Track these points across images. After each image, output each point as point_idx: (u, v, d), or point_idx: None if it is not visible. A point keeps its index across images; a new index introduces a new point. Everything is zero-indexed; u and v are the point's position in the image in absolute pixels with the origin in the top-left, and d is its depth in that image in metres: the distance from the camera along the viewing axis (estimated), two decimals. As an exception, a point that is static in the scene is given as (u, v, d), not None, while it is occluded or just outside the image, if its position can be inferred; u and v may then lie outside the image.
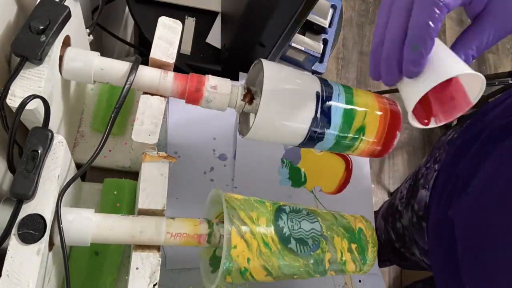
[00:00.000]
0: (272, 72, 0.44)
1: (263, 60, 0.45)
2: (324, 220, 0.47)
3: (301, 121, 0.45)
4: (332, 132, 0.47)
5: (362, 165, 0.72)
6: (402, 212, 0.76)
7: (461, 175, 0.55)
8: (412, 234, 0.73)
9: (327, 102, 0.46)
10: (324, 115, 0.46)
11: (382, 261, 0.99)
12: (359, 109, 0.48)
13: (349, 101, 0.47)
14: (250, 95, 0.46)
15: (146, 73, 0.44)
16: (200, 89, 0.45)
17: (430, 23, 0.33)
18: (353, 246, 0.48)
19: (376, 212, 0.98)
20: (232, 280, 0.41)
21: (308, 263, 0.44)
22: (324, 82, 0.48)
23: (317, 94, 0.46)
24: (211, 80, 0.45)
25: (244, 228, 0.41)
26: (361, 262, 0.48)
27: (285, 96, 0.44)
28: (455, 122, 1.69)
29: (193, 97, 0.45)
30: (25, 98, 0.35)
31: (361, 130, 0.48)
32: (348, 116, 0.47)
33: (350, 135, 0.48)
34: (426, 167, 0.70)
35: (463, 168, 0.56)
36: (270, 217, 0.43)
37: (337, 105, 0.46)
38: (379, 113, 0.49)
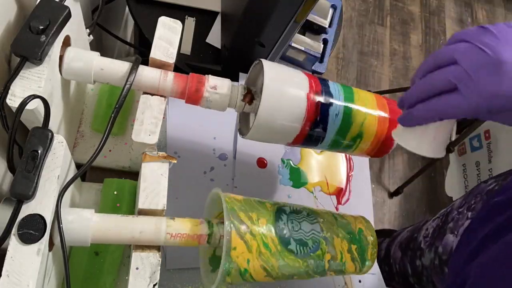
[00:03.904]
0: (272, 72, 0.44)
1: (263, 60, 0.45)
2: (324, 221, 0.47)
3: (301, 122, 0.45)
4: (330, 132, 0.47)
5: (362, 165, 0.72)
6: (425, 251, 0.73)
7: (488, 236, 0.53)
8: (431, 276, 0.70)
9: (327, 103, 0.46)
10: (323, 115, 0.46)
11: None
12: (358, 109, 0.48)
13: (348, 101, 0.47)
14: (250, 96, 0.46)
15: (146, 73, 0.44)
16: (200, 89, 0.45)
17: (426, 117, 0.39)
18: (353, 247, 0.48)
19: (392, 235, 0.93)
20: (231, 281, 0.41)
21: (308, 263, 0.44)
22: (323, 82, 0.48)
23: (320, 95, 0.46)
24: (211, 81, 0.45)
25: (244, 229, 0.41)
26: (361, 262, 0.48)
27: (285, 96, 0.44)
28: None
29: (193, 97, 0.45)
30: (25, 98, 0.35)
31: (360, 129, 0.48)
32: (348, 116, 0.47)
33: (349, 134, 0.48)
34: (459, 211, 0.67)
35: (492, 230, 0.53)
36: (270, 218, 0.43)
37: (337, 105, 0.46)
38: (379, 113, 0.49)
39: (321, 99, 0.46)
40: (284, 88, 0.44)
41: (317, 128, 0.46)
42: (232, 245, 0.40)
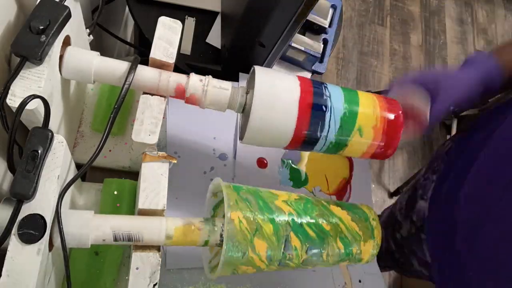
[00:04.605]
0: (264, 80, 0.44)
1: (256, 68, 0.45)
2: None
3: (294, 126, 0.45)
4: (328, 133, 0.47)
5: (363, 165, 0.72)
6: (402, 223, 0.76)
7: (458, 172, 0.58)
8: (411, 245, 0.73)
9: (323, 106, 0.46)
10: (318, 116, 0.46)
11: (383, 267, 0.98)
12: (357, 110, 0.47)
13: (347, 103, 0.47)
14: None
15: (145, 73, 0.44)
16: (197, 100, 0.45)
17: None
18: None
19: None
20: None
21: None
22: (318, 85, 0.48)
23: (313, 98, 0.46)
24: (211, 85, 0.45)
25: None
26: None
27: (278, 102, 0.44)
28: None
29: (192, 101, 0.45)
30: (25, 98, 0.35)
31: (360, 132, 0.48)
32: (344, 117, 0.47)
33: (347, 136, 0.47)
34: (424, 177, 0.71)
35: (460, 167, 0.58)
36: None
37: (333, 108, 0.46)
38: (379, 113, 0.49)
39: (315, 102, 0.45)
40: (275, 95, 0.44)
41: (312, 132, 0.46)
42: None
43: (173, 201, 0.57)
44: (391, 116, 0.49)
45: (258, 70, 0.45)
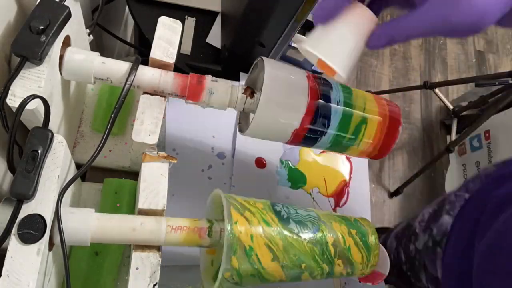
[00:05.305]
0: (273, 69, 0.45)
1: (264, 58, 0.46)
2: (318, 212, 0.48)
3: (300, 116, 0.45)
4: (330, 131, 0.47)
5: (361, 168, 0.72)
6: (419, 234, 0.74)
7: (490, 205, 0.54)
8: (423, 259, 0.72)
9: (326, 102, 0.46)
10: (323, 114, 0.46)
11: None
12: (357, 109, 0.48)
13: (348, 101, 0.48)
14: (251, 90, 0.47)
15: (146, 73, 0.44)
16: (201, 82, 0.45)
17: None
18: (353, 231, 0.48)
19: (389, 230, 0.95)
20: (238, 264, 0.40)
21: (313, 246, 0.44)
22: (323, 81, 0.48)
23: (320, 94, 0.46)
24: (210, 84, 0.45)
25: (242, 208, 0.42)
26: (365, 248, 0.48)
27: (285, 93, 0.44)
28: (454, 132, 1.69)
29: (194, 91, 0.45)
30: (25, 98, 0.35)
31: (360, 130, 0.48)
32: (346, 116, 0.47)
33: (348, 135, 0.48)
34: (456, 195, 0.68)
35: (494, 198, 0.55)
36: (266, 202, 0.45)
37: (336, 105, 0.47)
38: (379, 111, 0.49)
39: (321, 98, 0.46)
40: (285, 82, 0.45)
41: (316, 125, 0.46)
42: (233, 219, 0.40)
43: (169, 198, 0.57)
44: (390, 116, 0.49)
45: (267, 60, 0.45)
